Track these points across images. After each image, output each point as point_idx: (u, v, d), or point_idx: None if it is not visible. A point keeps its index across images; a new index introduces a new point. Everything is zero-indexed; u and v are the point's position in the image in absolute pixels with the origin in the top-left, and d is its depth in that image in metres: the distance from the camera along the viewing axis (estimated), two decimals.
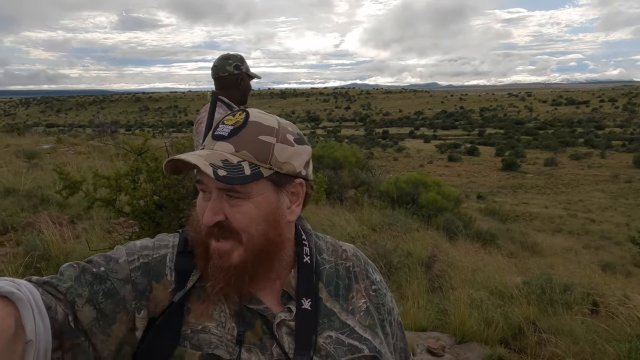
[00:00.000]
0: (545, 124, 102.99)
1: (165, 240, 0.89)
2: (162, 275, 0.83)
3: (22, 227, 5.63)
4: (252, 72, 2.85)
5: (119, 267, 0.81)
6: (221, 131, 0.81)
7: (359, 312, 0.90)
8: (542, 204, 32.04)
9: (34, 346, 0.64)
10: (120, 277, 0.80)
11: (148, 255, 0.85)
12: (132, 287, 0.80)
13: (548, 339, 3.45)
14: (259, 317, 0.82)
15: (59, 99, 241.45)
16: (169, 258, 0.85)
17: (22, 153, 11.90)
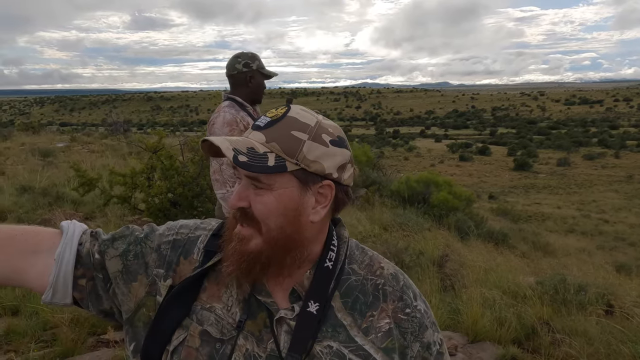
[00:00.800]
0: (558, 124, 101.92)
1: (207, 224, 0.96)
2: (191, 253, 0.90)
3: (38, 224, 5.71)
4: (267, 70, 2.82)
5: (154, 238, 0.91)
6: (260, 122, 0.84)
7: (375, 332, 0.86)
8: (554, 205, 31.73)
9: (57, 264, 0.86)
10: (152, 246, 0.90)
11: (183, 233, 0.92)
12: (157, 256, 0.89)
13: (562, 339, 3.42)
14: (265, 309, 0.84)
15: (72, 98, 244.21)
16: (202, 239, 0.91)
17: (37, 151, 12.08)
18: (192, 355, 0.82)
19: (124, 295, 0.88)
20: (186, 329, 0.84)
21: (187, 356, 0.82)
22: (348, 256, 0.91)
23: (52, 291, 0.86)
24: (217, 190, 2.65)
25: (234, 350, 0.81)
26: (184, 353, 0.82)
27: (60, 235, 0.90)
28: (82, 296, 0.89)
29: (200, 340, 0.83)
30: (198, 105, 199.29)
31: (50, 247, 0.88)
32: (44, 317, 3.41)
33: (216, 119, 2.68)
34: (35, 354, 2.94)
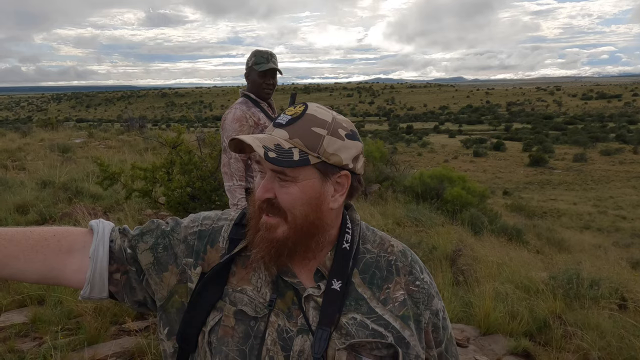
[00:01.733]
0: (574, 119, 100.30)
1: (227, 214, 1.04)
2: (216, 241, 0.98)
3: (59, 218, 5.87)
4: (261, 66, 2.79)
5: (180, 230, 1.00)
6: (281, 120, 0.93)
7: (392, 302, 0.95)
8: (570, 201, 31.34)
9: (92, 262, 0.94)
10: (178, 238, 0.98)
11: (207, 224, 1.01)
12: (185, 247, 0.97)
13: (574, 333, 3.46)
14: (292, 289, 0.92)
15: (89, 94, 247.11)
16: (225, 229, 1.00)
17: (56, 147, 12.30)
18: (228, 333, 0.90)
19: (156, 284, 0.96)
20: (220, 310, 0.92)
21: (224, 335, 0.90)
22: (361, 237, 1.01)
23: (89, 287, 0.94)
24: (225, 182, 2.77)
25: (267, 326, 0.90)
26: (221, 332, 0.90)
27: (90, 234, 0.98)
28: (117, 289, 0.97)
29: (235, 320, 0.91)
30: (212, 102, 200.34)
31: (83, 246, 0.96)
32: (68, 306, 3.54)
33: (227, 115, 2.80)
34: (62, 341, 3.07)
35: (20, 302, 3.74)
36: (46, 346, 2.97)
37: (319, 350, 0.87)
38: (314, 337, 0.88)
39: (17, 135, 15.87)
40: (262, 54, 2.83)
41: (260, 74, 2.81)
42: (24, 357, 2.81)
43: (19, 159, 11.10)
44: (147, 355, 2.85)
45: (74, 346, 3.06)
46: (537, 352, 3.34)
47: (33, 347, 3.07)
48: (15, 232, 0.94)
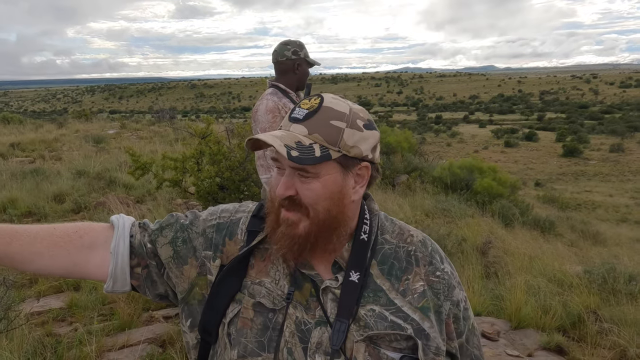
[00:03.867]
0: (612, 108, 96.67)
1: (245, 206, 1.04)
2: (235, 234, 0.98)
3: (93, 207, 6.04)
4: (312, 59, 2.88)
5: (199, 223, 1.00)
6: (297, 114, 0.90)
7: (412, 293, 0.93)
8: (606, 192, 30.34)
9: (113, 257, 0.96)
10: (197, 231, 0.99)
11: (225, 217, 1.01)
12: (204, 240, 0.98)
13: (610, 329, 3.36)
14: (309, 281, 0.92)
15: (121, 86, 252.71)
16: (243, 221, 1.00)
17: (90, 138, 12.66)
18: (247, 325, 0.90)
19: (177, 277, 0.97)
20: (239, 302, 0.92)
21: (243, 326, 0.90)
22: (380, 227, 0.99)
23: (112, 281, 0.96)
24: (261, 175, 2.76)
25: (286, 318, 0.89)
26: (240, 324, 0.91)
27: (111, 229, 1.00)
28: (139, 283, 0.99)
29: (253, 312, 0.91)
30: (240, 92, 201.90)
31: (105, 241, 0.98)
32: (102, 293, 3.65)
33: (259, 106, 2.78)
34: (96, 326, 3.16)
35: (57, 288, 3.87)
36: (82, 331, 3.07)
37: (337, 342, 0.86)
38: (332, 328, 0.88)
39: (53, 126, 16.38)
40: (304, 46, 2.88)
41: (309, 66, 2.87)
42: (60, 341, 2.91)
43: (56, 150, 11.47)
44: (177, 343, 2.91)
45: (107, 331, 3.16)
46: (571, 347, 3.26)
47: (69, 331, 3.18)
48: (40, 229, 0.97)
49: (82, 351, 2.78)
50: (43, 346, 2.77)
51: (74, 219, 5.77)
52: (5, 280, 2.88)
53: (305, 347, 0.88)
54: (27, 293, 3.76)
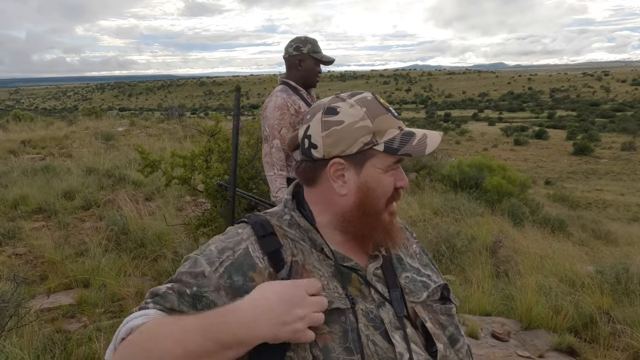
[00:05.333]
0: (623, 106, 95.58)
1: (236, 235, 0.93)
2: (254, 264, 0.88)
3: (102, 204, 6.07)
4: (321, 55, 2.82)
5: (208, 280, 0.86)
6: (395, 112, 0.98)
7: (416, 255, 1.06)
8: (617, 191, 30.02)
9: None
10: (212, 289, 0.85)
11: (229, 256, 0.89)
12: (224, 292, 0.85)
13: (623, 330, 3.30)
14: (353, 271, 0.94)
15: (130, 84, 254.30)
16: (251, 249, 0.90)
17: (100, 135, 12.74)
18: (328, 339, 0.85)
19: None
20: None
21: (325, 342, 0.85)
22: None
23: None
24: (266, 172, 2.75)
25: (357, 314, 0.88)
26: (321, 342, 0.84)
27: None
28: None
29: (327, 325, 0.85)
30: (249, 90, 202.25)
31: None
32: (111, 290, 3.66)
33: (268, 103, 2.76)
34: (105, 323, 3.17)
35: (67, 285, 3.89)
36: (91, 328, 3.08)
37: (401, 310, 0.92)
38: (391, 303, 0.92)
39: (64, 123, 16.51)
40: (315, 42, 2.83)
41: (317, 62, 2.80)
42: (70, 337, 2.92)
43: (66, 147, 11.55)
44: None
45: (116, 328, 3.16)
46: (583, 349, 3.21)
47: (79, 328, 3.19)
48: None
49: (92, 348, 2.78)
50: (53, 343, 2.78)
51: (84, 216, 5.80)
52: (15, 277, 2.90)
53: (382, 331, 0.89)
54: (37, 289, 3.78)
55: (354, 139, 0.90)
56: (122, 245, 4.54)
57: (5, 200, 6.04)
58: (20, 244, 4.80)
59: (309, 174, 0.96)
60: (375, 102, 0.95)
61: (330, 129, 0.91)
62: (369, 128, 0.91)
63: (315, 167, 0.94)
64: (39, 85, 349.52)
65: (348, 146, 0.91)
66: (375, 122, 0.92)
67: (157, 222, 4.96)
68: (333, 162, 0.92)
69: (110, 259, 4.16)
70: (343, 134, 0.90)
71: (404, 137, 0.92)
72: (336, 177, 0.92)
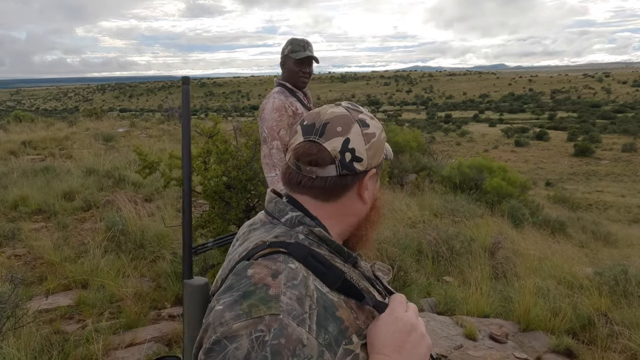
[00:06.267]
0: (624, 107, 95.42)
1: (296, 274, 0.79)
2: (333, 304, 0.79)
3: (102, 205, 6.08)
4: (298, 54, 2.74)
5: (310, 349, 0.71)
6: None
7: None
8: (618, 193, 29.97)
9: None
10: (316, 357, 0.71)
11: (311, 305, 0.75)
12: (328, 350, 0.73)
13: (621, 332, 3.30)
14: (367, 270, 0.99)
15: (131, 85, 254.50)
16: (319, 285, 0.80)
17: (100, 136, 12.74)
18: None
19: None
20: None
21: None
22: None
23: None
24: (266, 174, 2.73)
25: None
26: None
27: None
28: None
29: None
30: (249, 91, 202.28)
31: None
32: (110, 291, 3.67)
33: (266, 104, 2.76)
34: (104, 324, 3.18)
35: (66, 286, 3.90)
36: (89, 329, 3.09)
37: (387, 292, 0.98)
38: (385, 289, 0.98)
39: (64, 124, 16.52)
40: (298, 42, 2.78)
41: (297, 62, 2.76)
42: (68, 338, 2.92)
43: (66, 148, 11.56)
44: (182, 342, 2.91)
45: (114, 329, 3.17)
46: (581, 350, 3.21)
47: (77, 329, 3.19)
48: None
49: (89, 349, 2.79)
50: (50, 344, 2.79)
51: (84, 217, 5.81)
52: (13, 278, 2.90)
53: None
54: (35, 290, 3.79)
55: (382, 150, 0.95)
56: (121, 246, 4.54)
57: (5, 201, 6.05)
58: (19, 244, 4.81)
59: (336, 188, 0.89)
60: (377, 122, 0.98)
61: (371, 142, 0.90)
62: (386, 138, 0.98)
63: (347, 181, 0.89)
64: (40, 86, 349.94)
65: (380, 157, 0.95)
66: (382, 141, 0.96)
67: (156, 223, 4.96)
68: (371, 173, 0.92)
69: (109, 260, 4.17)
70: (378, 146, 0.93)
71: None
72: (367, 187, 0.93)
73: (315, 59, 2.80)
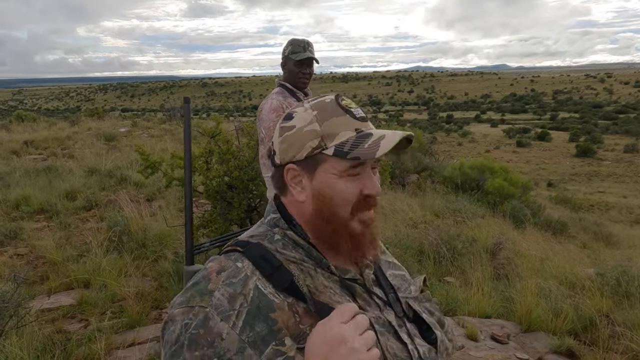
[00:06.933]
0: (626, 107, 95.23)
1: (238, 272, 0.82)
2: (271, 303, 0.80)
3: (104, 204, 6.09)
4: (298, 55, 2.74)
5: (228, 343, 0.75)
6: (362, 113, 0.91)
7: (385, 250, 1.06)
8: (620, 194, 29.92)
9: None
10: (235, 352, 0.75)
11: (242, 304, 0.78)
12: (251, 348, 0.75)
13: (622, 333, 3.30)
14: (354, 282, 0.92)
15: (133, 84, 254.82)
16: (261, 285, 0.81)
17: (102, 136, 12.77)
18: None
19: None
20: None
21: None
22: None
23: None
24: (264, 174, 2.75)
25: (373, 324, 0.86)
26: None
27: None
28: None
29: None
30: (251, 91, 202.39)
31: None
32: (112, 290, 3.67)
33: (264, 105, 2.77)
34: (106, 323, 3.18)
35: (68, 285, 3.91)
36: (91, 328, 3.09)
37: (399, 310, 0.93)
38: (390, 305, 0.92)
39: (66, 124, 16.56)
40: (298, 42, 2.78)
41: (297, 64, 2.76)
42: (70, 338, 2.93)
43: (68, 147, 11.59)
44: None
45: (117, 329, 3.18)
46: (582, 351, 3.21)
47: (79, 328, 3.20)
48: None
49: (91, 349, 2.79)
50: (52, 343, 2.79)
51: (86, 216, 5.82)
52: (15, 277, 2.91)
53: (393, 333, 0.89)
54: (37, 290, 3.80)
55: (302, 144, 0.86)
56: (123, 245, 4.55)
57: (7, 200, 6.07)
58: (21, 244, 4.82)
59: (279, 182, 0.92)
60: (333, 104, 0.89)
61: (284, 135, 0.88)
62: (316, 132, 0.86)
63: (280, 175, 0.91)
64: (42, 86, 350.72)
65: (298, 151, 0.87)
66: (325, 125, 0.86)
67: (158, 223, 4.97)
68: (287, 168, 0.88)
69: (111, 260, 4.18)
70: (293, 139, 0.87)
71: (358, 139, 0.85)
72: (294, 184, 0.89)
73: (315, 60, 2.81)
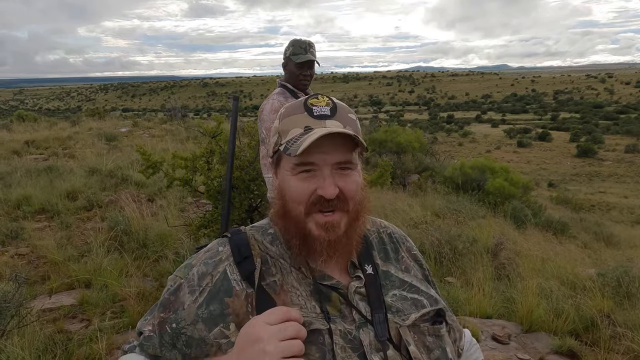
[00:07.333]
0: (627, 108, 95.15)
1: (216, 255, 0.91)
2: (231, 288, 0.86)
3: (105, 204, 6.10)
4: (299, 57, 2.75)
5: (187, 313, 0.86)
6: (323, 111, 0.88)
7: (410, 268, 1.00)
8: (621, 194, 29.89)
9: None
10: (190, 322, 0.86)
11: (208, 283, 0.87)
12: (203, 323, 0.85)
13: (624, 333, 3.29)
14: (334, 290, 0.89)
15: (134, 84, 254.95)
16: (229, 270, 0.88)
17: (103, 136, 12.77)
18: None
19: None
20: None
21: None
22: None
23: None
24: (265, 174, 2.76)
25: (332, 335, 0.84)
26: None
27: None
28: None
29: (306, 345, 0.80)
30: (251, 91, 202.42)
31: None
32: (113, 290, 3.67)
33: (265, 105, 2.78)
34: (107, 323, 3.19)
35: (69, 285, 3.91)
36: (92, 328, 3.09)
37: (383, 333, 0.87)
38: (372, 324, 0.87)
39: (67, 124, 16.57)
40: (300, 44, 2.78)
41: (298, 65, 2.76)
42: (71, 337, 2.93)
43: (69, 147, 11.59)
44: None
45: (118, 329, 3.18)
46: (584, 352, 3.21)
47: (80, 328, 3.20)
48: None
49: (92, 349, 2.79)
50: (54, 343, 2.79)
51: (87, 216, 5.82)
52: (17, 277, 2.91)
53: (360, 353, 0.84)
54: (39, 290, 3.80)
55: (272, 141, 0.92)
56: (124, 245, 4.55)
57: (8, 200, 6.07)
58: (22, 244, 4.82)
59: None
60: (299, 103, 0.89)
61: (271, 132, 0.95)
62: (276, 128, 0.91)
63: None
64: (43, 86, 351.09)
65: (269, 147, 0.93)
66: (283, 122, 0.89)
67: (159, 223, 4.97)
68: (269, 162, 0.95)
69: (112, 260, 4.18)
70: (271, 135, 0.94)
71: (299, 136, 0.85)
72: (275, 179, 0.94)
73: (316, 62, 2.81)
